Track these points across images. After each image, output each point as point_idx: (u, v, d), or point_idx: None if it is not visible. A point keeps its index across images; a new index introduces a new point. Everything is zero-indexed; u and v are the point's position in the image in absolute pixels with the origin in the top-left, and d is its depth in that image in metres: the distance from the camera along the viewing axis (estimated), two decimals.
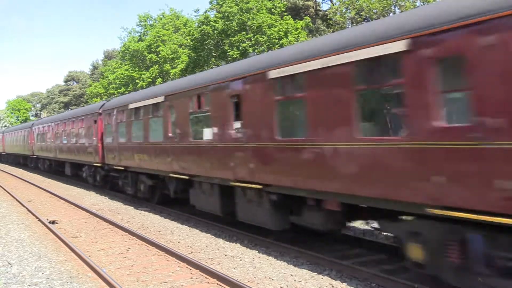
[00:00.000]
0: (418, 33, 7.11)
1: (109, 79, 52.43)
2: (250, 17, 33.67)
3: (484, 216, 6.33)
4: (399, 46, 7.37)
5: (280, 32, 33.53)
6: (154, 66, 43.52)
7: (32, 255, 11.68)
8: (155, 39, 43.63)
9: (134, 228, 14.35)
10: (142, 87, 36.20)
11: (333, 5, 40.53)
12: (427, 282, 8.22)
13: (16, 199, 22.35)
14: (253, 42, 33.37)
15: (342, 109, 8.48)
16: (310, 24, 39.69)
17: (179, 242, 12.53)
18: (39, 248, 12.46)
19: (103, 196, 22.92)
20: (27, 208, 19.32)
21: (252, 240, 12.23)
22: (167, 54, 42.42)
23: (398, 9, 29.29)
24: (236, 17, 33.79)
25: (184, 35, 42.18)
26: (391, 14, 27.29)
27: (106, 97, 49.53)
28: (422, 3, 27.10)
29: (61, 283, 9.29)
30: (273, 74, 10.35)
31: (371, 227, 13.04)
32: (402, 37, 7.33)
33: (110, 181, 23.53)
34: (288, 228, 11.17)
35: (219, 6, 35.39)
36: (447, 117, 6.99)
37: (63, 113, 44.21)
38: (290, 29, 34.27)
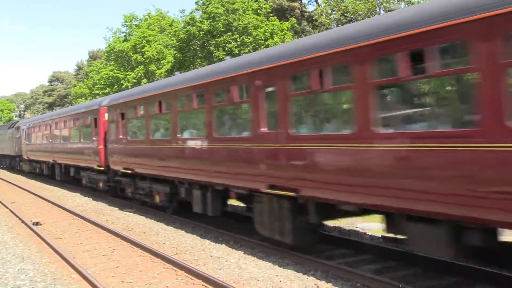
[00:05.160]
0: None
1: (94, 80, 52.04)
2: (236, 18, 33.67)
3: None
4: None
5: (266, 33, 33.58)
6: (139, 66, 43.29)
7: (15, 257, 11.55)
8: (140, 40, 43.41)
9: (119, 230, 14.26)
10: (127, 88, 35.98)
11: (319, 6, 40.68)
12: (411, 282, 8.29)
13: None
14: (239, 43, 33.38)
15: None
16: (296, 25, 39.79)
17: (164, 243, 12.49)
18: (23, 250, 12.33)
19: (87, 198, 22.74)
20: (10, 210, 19.11)
21: (237, 241, 12.23)
22: (152, 55, 42.25)
23: (383, 10, 29.50)
24: (222, 18, 33.77)
25: (170, 35, 42.05)
26: (376, 16, 27.44)
27: (91, 97, 49.10)
28: (406, 5, 27.31)
29: (45, 285, 9.21)
30: None
31: (356, 227, 13.13)
32: None
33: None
34: None
35: (205, 6, 35.35)
36: None
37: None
38: (276, 30, 34.34)
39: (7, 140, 44.18)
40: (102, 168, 20.73)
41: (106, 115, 20.45)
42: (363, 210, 8.89)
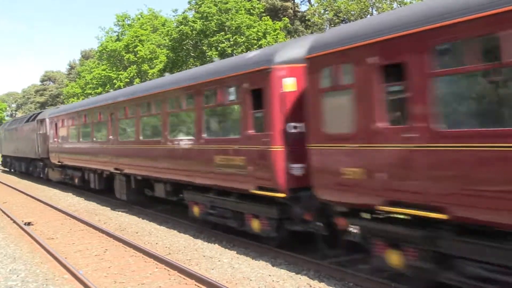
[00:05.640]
0: None
1: (86, 79, 51.86)
2: (229, 18, 33.68)
3: None
4: None
5: (259, 33, 33.61)
6: (132, 66, 43.17)
7: (6, 257, 11.50)
8: (133, 39, 43.29)
9: (111, 230, 14.22)
10: (119, 88, 35.80)
11: (311, 6, 40.73)
12: (404, 282, 8.31)
13: None
14: (231, 42, 33.37)
15: None
16: (289, 25, 39.82)
17: (157, 243, 12.46)
18: (14, 250, 12.28)
19: (79, 197, 22.64)
20: (1, 210, 19.02)
21: (230, 241, 12.21)
22: (145, 54, 42.15)
23: (376, 11, 29.58)
24: (214, 17, 33.78)
25: (163, 35, 41.99)
26: (368, 16, 27.53)
27: (83, 97, 48.76)
28: (398, 5, 27.39)
29: (37, 286, 9.18)
30: None
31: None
32: None
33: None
34: None
35: (197, 6, 35.33)
36: None
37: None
38: (268, 30, 34.37)
39: (23, 138, 33.23)
40: (280, 195, 9.85)
41: (291, 80, 9.83)
42: None
